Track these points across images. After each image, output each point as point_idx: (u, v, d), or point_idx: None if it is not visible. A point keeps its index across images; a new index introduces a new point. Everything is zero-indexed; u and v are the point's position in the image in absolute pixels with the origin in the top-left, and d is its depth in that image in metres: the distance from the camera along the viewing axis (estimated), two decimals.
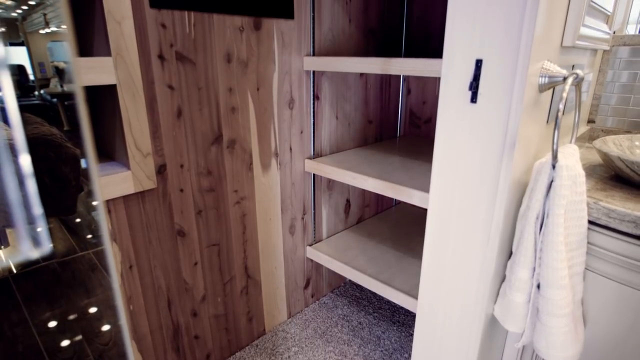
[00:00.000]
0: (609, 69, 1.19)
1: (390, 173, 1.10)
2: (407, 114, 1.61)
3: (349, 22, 1.27)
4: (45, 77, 0.71)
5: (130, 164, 0.86)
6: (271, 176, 1.19)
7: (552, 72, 0.66)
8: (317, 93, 1.23)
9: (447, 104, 0.71)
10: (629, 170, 0.77)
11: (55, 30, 0.74)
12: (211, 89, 0.97)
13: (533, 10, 0.59)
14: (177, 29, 0.87)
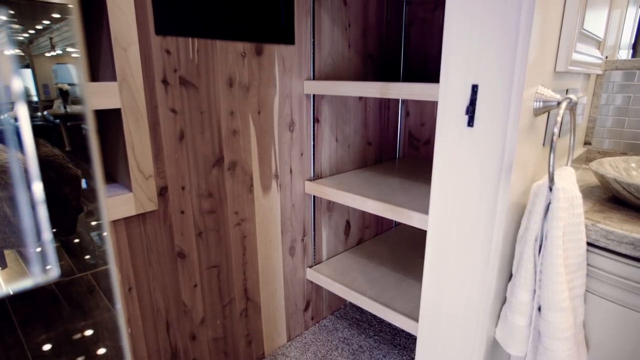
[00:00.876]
0: (603, 93, 1.21)
1: (390, 195, 1.11)
2: (406, 136, 1.63)
3: (349, 47, 1.30)
4: (49, 98, 0.73)
5: (132, 186, 0.86)
6: (271, 198, 1.19)
7: (546, 96, 0.68)
8: (317, 116, 1.25)
9: (444, 127, 0.73)
10: (625, 192, 0.78)
11: (60, 53, 0.76)
12: (213, 113, 0.99)
13: (526, 37, 0.61)
14: (181, 54, 0.90)
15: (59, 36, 0.81)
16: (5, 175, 0.60)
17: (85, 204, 0.69)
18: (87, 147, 0.91)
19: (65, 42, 0.88)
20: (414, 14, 1.50)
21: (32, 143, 0.20)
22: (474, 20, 0.66)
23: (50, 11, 0.99)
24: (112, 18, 0.76)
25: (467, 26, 0.67)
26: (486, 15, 0.64)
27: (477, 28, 0.66)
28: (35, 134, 0.57)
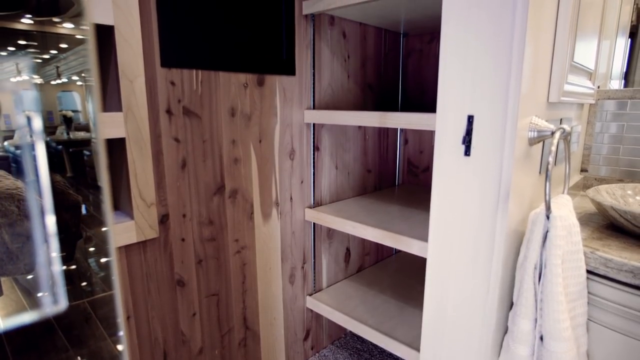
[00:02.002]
0: (597, 121, 1.24)
1: (390, 222, 1.12)
2: (405, 163, 1.65)
3: (348, 78, 1.34)
4: (52, 125, 0.74)
5: (134, 213, 0.87)
6: (272, 225, 1.20)
7: (540, 126, 0.70)
8: (317, 144, 1.28)
9: (442, 157, 0.74)
10: (623, 220, 0.79)
11: (66, 81, 0.78)
12: (215, 141, 1.01)
13: (518, 70, 0.63)
14: (185, 85, 0.93)
15: (65, 65, 0.84)
16: (6, 202, 0.60)
17: (84, 230, 0.69)
18: (88, 173, 0.92)
19: (71, 70, 0.91)
20: (410, 46, 1.55)
21: (47, 175, 0.21)
22: (468, 53, 0.69)
23: (59, 41, 1.03)
24: (120, 51, 0.79)
25: (462, 59, 0.69)
26: (479, 48, 0.67)
27: (471, 61, 0.68)
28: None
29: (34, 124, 0.20)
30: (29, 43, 1.10)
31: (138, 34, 0.81)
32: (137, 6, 0.80)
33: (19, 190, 0.63)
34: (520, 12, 0.62)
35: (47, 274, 0.56)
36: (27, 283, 0.65)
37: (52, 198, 0.21)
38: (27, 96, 0.75)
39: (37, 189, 0.37)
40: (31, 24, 1.33)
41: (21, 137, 0.71)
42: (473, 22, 0.67)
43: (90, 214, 0.98)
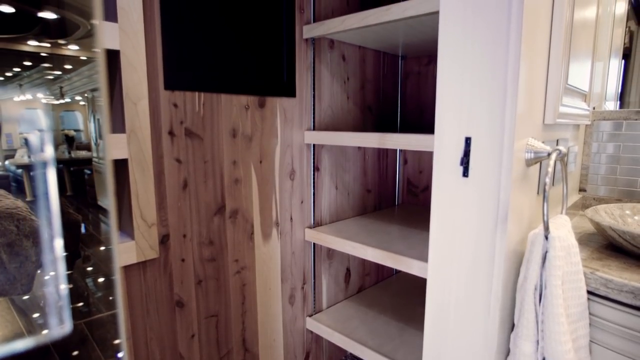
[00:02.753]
0: (593, 142, 1.25)
1: (390, 242, 1.12)
2: (404, 183, 1.66)
3: (347, 99, 1.36)
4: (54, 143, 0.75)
5: (135, 234, 0.87)
6: (272, 245, 1.20)
7: (537, 148, 0.71)
8: (317, 164, 1.29)
9: (440, 178, 0.75)
10: (621, 240, 0.79)
11: (69, 101, 0.80)
12: (216, 162, 1.02)
13: (513, 93, 0.65)
14: (187, 107, 0.94)
15: (69, 85, 0.86)
16: (6, 221, 0.61)
17: (83, 249, 0.69)
18: (88, 192, 0.92)
19: (75, 90, 0.92)
20: (409, 68, 1.58)
21: (57, 195, 0.21)
22: (464, 76, 0.70)
23: (63, 62, 1.05)
24: (125, 75, 0.81)
25: (458, 82, 0.71)
26: (475, 72, 0.69)
27: (467, 84, 0.70)
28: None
29: (44, 144, 0.20)
30: (34, 64, 1.13)
31: (143, 58, 0.83)
32: (143, 32, 0.82)
33: (18, 209, 0.63)
34: (514, 36, 0.64)
35: (51, 295, 0.56)
36: (23, 304, 0.64)
37: (59, 219, 0.21)
38: (31, 115, 0.76)
39: (47, 210, 0.38)
40: (37, 45, 1.37)
41: (23, 155, 0.72)
42: (469, 46, 0.69)
43: (90, 233, 0.98)
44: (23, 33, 2.05)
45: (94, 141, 1.05)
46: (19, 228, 0.62)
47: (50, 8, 1.33)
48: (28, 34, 2.11)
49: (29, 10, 2.14)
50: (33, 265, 0.65)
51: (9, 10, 2.14)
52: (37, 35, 1.71)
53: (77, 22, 1.53)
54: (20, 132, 0.75)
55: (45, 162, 0.38)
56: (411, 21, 0.96)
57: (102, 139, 2.71)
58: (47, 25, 1.58)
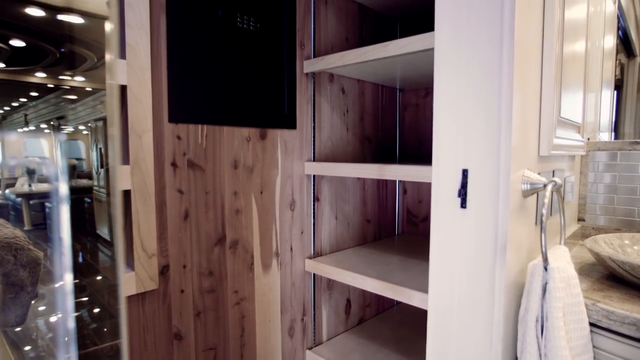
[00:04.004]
0: (590, 172, 1.27)
1: (390, 273, 1.11)
2: (404, 213, 1.66)
3: (347, 131, 1.39)
4: (13, 176, 0.75)
5: (135, 265, 0.87)
6: (271, 276, 1.19)
7: (533, 179, 0.73)
8: (317, 195, 1.30)
9: (439, 209, 0.76)
10: (621, 270, 0.79)
11: (72, 130, 0.81)
12: (217, 193, 1.03)
13: (507, 126, 0.67)
14: (190, 139, 0.97)
15: (73, 115, 0.88)
16: (3, 251, 0.61)
17: (40, 288, 0.66)
18: (87, 220, 0.91)
19: (78, 120, 0.95)
20: (407, 100, 1.62)
21: (69, 228, 0.22)
22: (460, 110, 0.73)
23: (68, 93, 1.09)
24: (130, 109, 0.84)
25: (454, 116, 0.73)
26: (470, 106, 0.71)
27: (462, 118, 0.72)
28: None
29: (58, 172, 0.21)
30: (40, 95, 1.16)
31: (149, 92, 0.86)
32: (150, 67, 0.86)
33: (17, 239, 0.63)
34: (507, 70, 0.66)
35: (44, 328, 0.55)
36: (15, 336, 0.63)
37: (70, 254, 0.22)
38: (33, 145, 0.77)
39: (59, 245, 0.38)
40: (44, 77, 1.41)
41: (23, 184, 0.73)
42: (463, 81, 0.72)
43: (87, 262, 0.97)
44: (32, 65, 2.11)
45: (95, 170, 1.06)
46: (16, 258, 0.61)
47: (61, 42, 1.39)
48: (36, 66, 2.16)
49: (39, 45, 2.22)
50: (28, 296, 0.64)
51: (20, 44, 2.22)
52: (45, 68, 1.77)
53: (84, 55, 1.59)
54: (25, 156, 0.76)
55: (56, 191, 0.39)
56: (408, 57, 1.00)
57: (104, 168, 2.71)
58: (56, 57, 1.63)
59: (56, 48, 2.69)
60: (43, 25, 2.18)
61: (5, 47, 2.78)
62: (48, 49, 2.73)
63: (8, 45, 2.73)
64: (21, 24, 2.27)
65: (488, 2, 0.68)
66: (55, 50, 2.82)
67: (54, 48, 2.79)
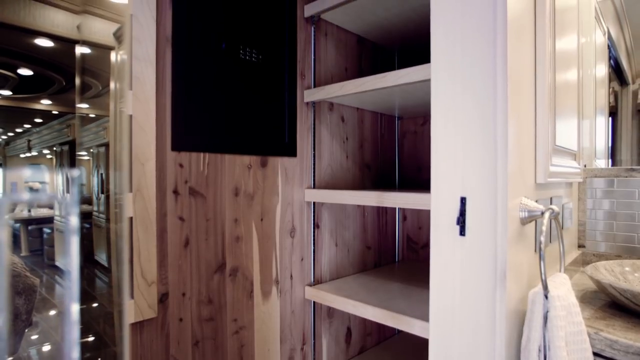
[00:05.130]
0: (588, 198, 1.28)
1: (391, 301, 1.10)
2: (404, 240, 1.66)
3: (347, 158, 1.41)
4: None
5: (134, 292, 0.87)
6: (271, 304, 1.18)
7: (530, 207, 0.74)
8: (318, 222, 1.30)
9: (438, 237, 0.77)
10: (623, 298, 0.79)
11: (35, 154, 0.83)
12: (218, 220, 1.04)
13: (503, 155, 0.68)
14: (192, 167, 0.98)
15: (37, 138, 0.90)
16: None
17: (34, 316, 0.66)
18: (86, 247, 0.91)
19: (80, 146, 0.96)
20: (405, 128, 1.65)
21: (78, 257, 0.22)
22: (457, 139, 0.74)
23: (69, 120, 1.10)
24: (135, 137, 0.86)
25: (451, 145, 0.75)
26: (467, 134, 0.73)
27: (460, 147, 0.74)
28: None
29: (68, 198, 0.21)
30: (45, 121, 1.18)
31: (153, 122, 0.88)
32: (154, 98, 0.88)
33: (14, 265, 0.63)
34: (501, 100, 0.68)
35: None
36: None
37: (78, 285, 0.22)
38: (35, 170, 0.79)
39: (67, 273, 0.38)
40: (50, 104, 1.43)
41: (22, 209, 0.73)
42: (459, 111, 0.74)
43: (83, 288, 0.97)
44: (38, 93, 2.14)
45: (96, 196, 1.07)
46: (12, 285, 0.61)
47: (68, 71, 1.41)
48: (42, 94, 2.20)
49: (46, 73, 2.28)
50: (23, 324, 0.63)
51: (28, 72, 2.27)
52: (51, 95, 1.78)
53: (89, 83, 1.61)
54: (26, 181, 0.78)
55: (66, 221, 0.39)
56: (405, 87, 1.03)
57: (104, 194, 2.71)
58: (62, 85, 1.65)
59: (62, 76, 2.77)
60: (51, 55, 2.25)
61: (13, 75, 2.86)
62: (54, 77, 2.81)
63: (16, 73, 2.80)
64: (30, 54, 2.34)
65: (481, 35, 0.71)
66: (61, 78, 2.90)
67: (60, 76, 2.87)
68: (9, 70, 2.49)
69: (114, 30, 2.15)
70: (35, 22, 1.99)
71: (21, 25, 1.95)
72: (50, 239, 3.88)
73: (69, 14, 2.11)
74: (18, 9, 1.93)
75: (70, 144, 4.10)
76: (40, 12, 2.00)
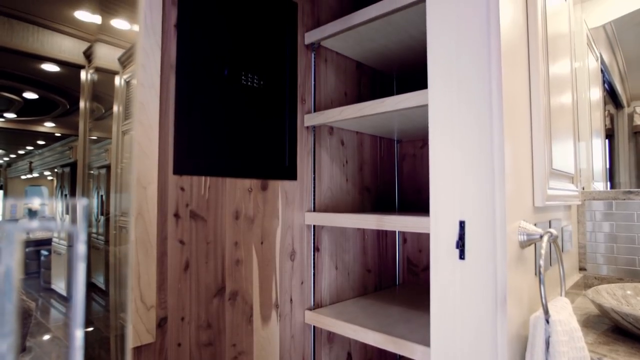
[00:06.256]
0: (587, 221, 1.28)
1: (391, 325, 1.09)
2: (404, 262, 1.65)
3: (346, 181, 1.42)
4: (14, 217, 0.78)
5: (133, 317, 0.86)
6: (271, 329, 1.17)
7: (529, 230, 0.74)
8: (318, 245, 1.30)
9: (438, 260, 0.77)
10: (626, 323, 0.78)
11: (36, 175, 0.85)
12: (218, 243, 1.04)
13: (501, 178, 0.69)
14: (193, 190, 0.99)
15: (39, 160, 0.91)
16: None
17: (28, 340, 0.65)
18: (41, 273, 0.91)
19: (44, 166, 0.97)
20: (405, 151, 1.67)
21: (84, 282, 0.22)
22: (455, 163, 0.75)
23: (72, 142, 1.12)
24: (137, 161, 0.87)
25: (449, 169, 0.76)
26: (464, 159, 0.74)
27: (458, 171, 0.75)
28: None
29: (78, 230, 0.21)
30: (47, 143, 1.20)
31: (156, 146, 0.90)
32: (158, 123, 0.90)
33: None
34: (497, 123, 0.70)
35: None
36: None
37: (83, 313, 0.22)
38: (35, 192, 0.80)
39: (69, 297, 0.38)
40: (53, 126, 1.46)
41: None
42: (456, 135, 0.75)
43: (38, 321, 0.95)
44: (43, 116, 2.17)
45: (95, 217, 1.07)
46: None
47: (72, 95, 1.45)
48: (46, 117, 2.23)
49: (51, 97, 2.31)
50: (16, 350, 0.63)
51: (33, 96, 2.31)
52: (55, 118, 1.82)
53: (92, 107, 1.65)
54: (25, 202, 0.79)
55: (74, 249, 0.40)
56: (404, 112, 1.05)
57: (104, 216, 2.70)
58: (66, 109, 1.69)
59: (67, 99, 2.81)
60: (57, 79, 2.29)
61: (18, 99, 2.90)
62: (59, 100, 2.85)
63: (21, 97, 2.85)
64: (36, 78, 2.38)
65: (476, 62, 0.73)
66: (65, 101, 2.94)
67: (64, 100, 2.91)
68: (15, 93, 2.54)
69: (118, 56, 2.21)
70: (43, 48, 2.04)
71: (29, 52, 2.00)
72: (48, 261, 3.84)
73: (76, 40, 2.17)
74: (27, 35, 1.99)
75: (72, 166, 4.13)
76: (48, 39, 2.05)
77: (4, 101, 2.69)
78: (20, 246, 0.23)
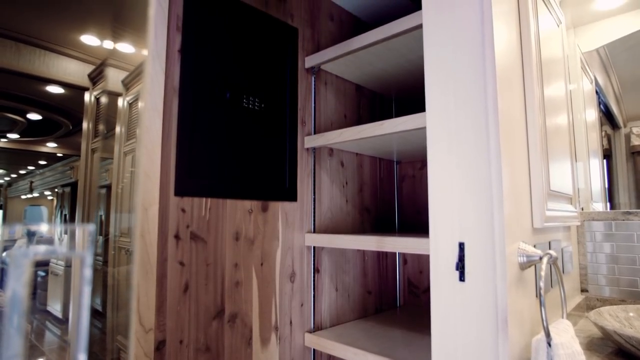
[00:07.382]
0: (587, 241, 1.28)
1: (392, 348, 1.08)
2: (405, 284, 1.64)
3: (346, 202, 1.43)
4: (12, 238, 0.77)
5: (131, 340, 0.86)
6: (270, 352, 1.15)
7: (528, 252, 0.74)
8: (318, 266, 1.30)
9: (438, 282, 0.77)
10: (629, 346, 0.77)
11: (37, 195, 0.85)
12: (218, 265, 1.04)
13: (499, 200, 0.70)
14: (194, 212, 0.99)
15: (40, 180, 0.92)
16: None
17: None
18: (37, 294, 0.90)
19: (44, 185, 0.98)
20: (404, 172, 1.68)
21: (88, 306, 0.23)
22: (453, 185, 0.76)
23: (73, 162, 1.14)
24: (140, 183, 0.88)
25: (448, 191, 0.77)
26: (463, 180, 0.75)
27: (456, 193, 0.76)
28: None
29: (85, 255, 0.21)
30: (49, 163, 1.21)
31: (158, 168, 0.91)
32: (160, 146, 0.91)
33: (2, 309, 0.63)
34: (494, 144, 0.71)
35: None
36: None
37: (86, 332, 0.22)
38: (34, 212, 0.80)
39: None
40: (55, 147, 1.47)
41: (21, 246, 0.74)
42: (454, 157, 0.76)
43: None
44: (45, 136, 2.19)
45: (99, 241, 1.06)
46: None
47: (76, 116, 1.47)
48: (49, 137, 2.25)
49: (54, 118, 2.34)
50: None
51: (37, 117, 2.34)
52: (57, 138, 1.84)
53: (97, 127, 1.65)
54: (25, 222, 0.79)
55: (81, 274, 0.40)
56: (402, 134, 1.07)
57: (103, 236, 2.67)
58: (69, 129, 1.71)
59: (70, 120, 2.84)
60: (61, 101, 2.32)
61: (22, 120, 2.93)
62: (62, 121, 2.87)
63: (25, 118, 2.88)
64: (41, 100, 2.41)
65: (472, 87, 0.75)
66: (68, 122, 2.97)
67: (67, 120, 2.94)
68: (19, 115, 2.58)
69: (122, 78, 2.25)
70: (49, 71, 2.08)
71: (35, 74, 2.04)
72: (44, 282, 3.79)
73: (81, 62, 2.22)
74: (33, 58, 2.03)
75: (72, 186, 4.14)
76: (54, 62, 2.10)
77: (7, 122, 2.72)
78: (28, 271, 0.24)
